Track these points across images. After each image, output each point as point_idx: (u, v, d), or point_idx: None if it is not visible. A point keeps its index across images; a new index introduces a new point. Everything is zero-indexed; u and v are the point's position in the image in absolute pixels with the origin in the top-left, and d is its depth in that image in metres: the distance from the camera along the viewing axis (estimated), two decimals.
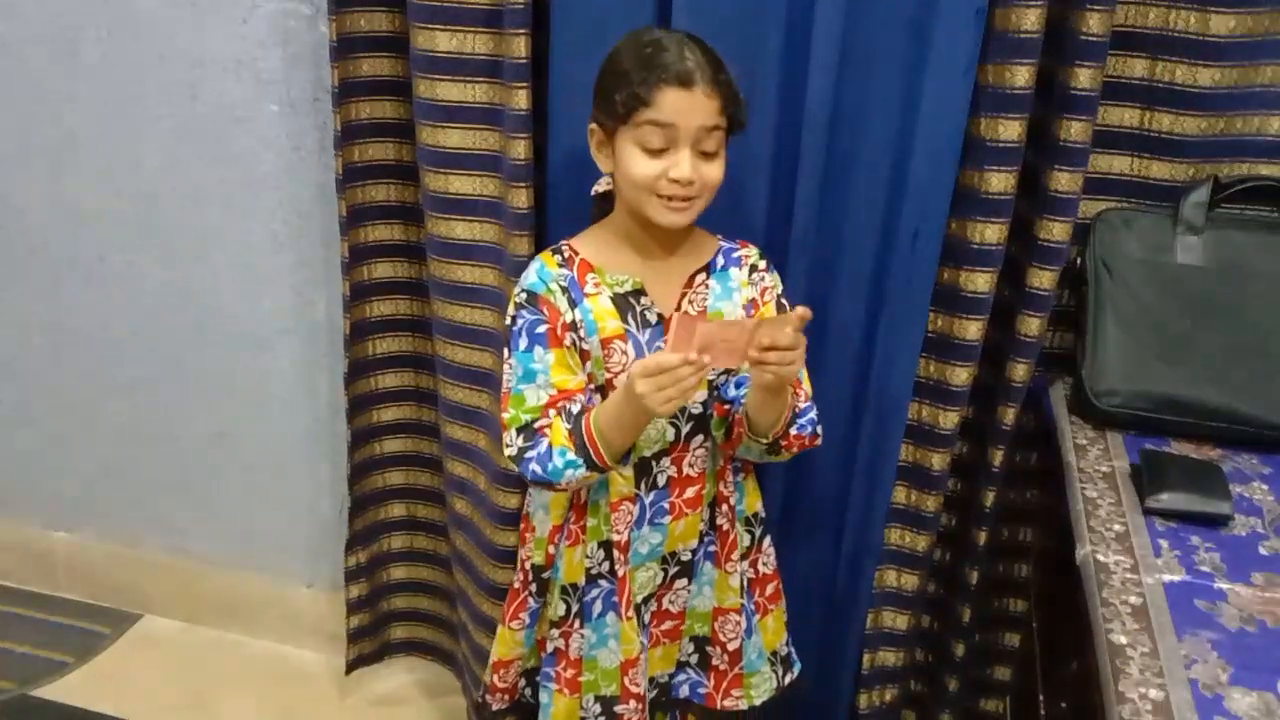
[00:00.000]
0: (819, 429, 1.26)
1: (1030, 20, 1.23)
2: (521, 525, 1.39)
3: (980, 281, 1.36)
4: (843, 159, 1.34)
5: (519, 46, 1.32)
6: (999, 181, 1.31)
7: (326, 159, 1.63)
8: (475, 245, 1.48)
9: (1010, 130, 1.28)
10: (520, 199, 1.40)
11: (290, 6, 1.58)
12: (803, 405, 1.23)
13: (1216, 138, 1.31)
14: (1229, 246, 1.29)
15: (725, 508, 1.31)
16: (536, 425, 1.16)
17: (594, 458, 1.13)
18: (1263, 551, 1.05)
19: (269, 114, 1.66)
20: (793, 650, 1.45)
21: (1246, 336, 1.26)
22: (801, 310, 1.07)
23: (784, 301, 1.28)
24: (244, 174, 1.71)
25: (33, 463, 2.07)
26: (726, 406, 1.26)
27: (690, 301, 1.23)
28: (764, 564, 1.39)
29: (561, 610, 1.30)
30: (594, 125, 1.17)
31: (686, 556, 1.31)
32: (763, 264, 1.29)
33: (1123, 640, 0.90)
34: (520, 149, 1.37)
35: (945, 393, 1.44)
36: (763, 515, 1.38)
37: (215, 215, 1.75)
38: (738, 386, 1.25)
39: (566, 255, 1.22)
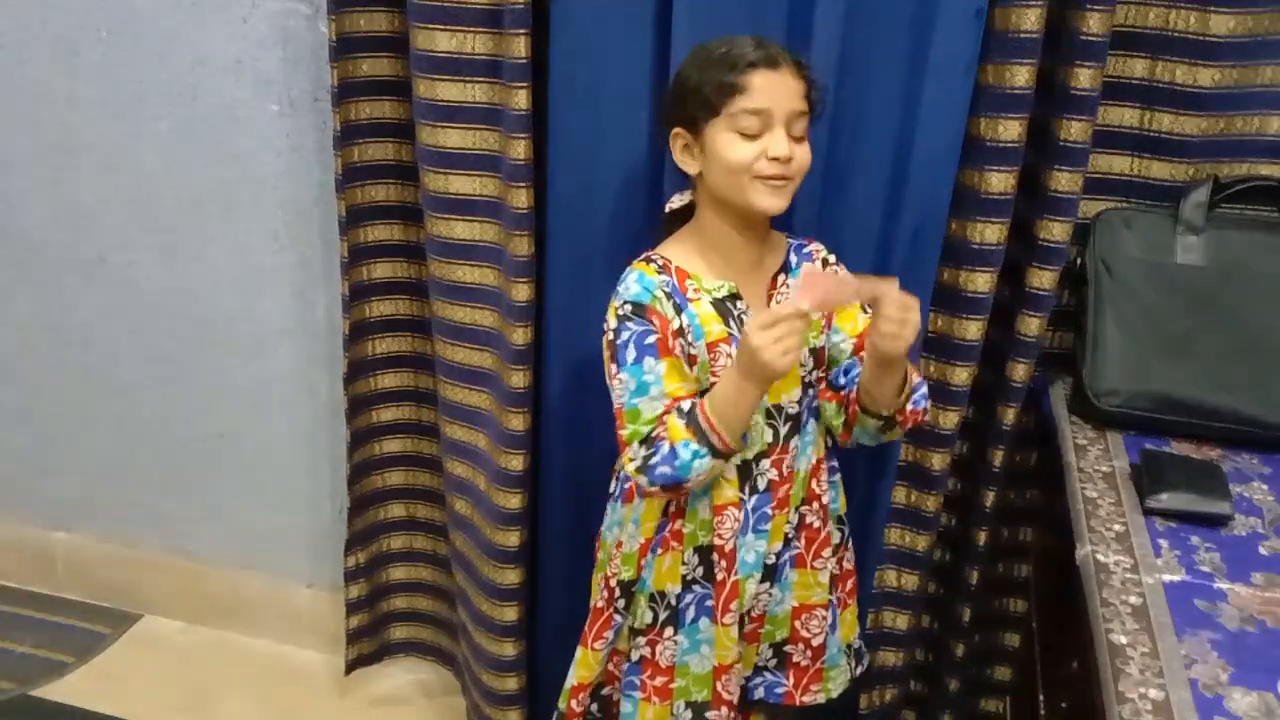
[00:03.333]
0: (929, 405, 1.27)
1: (1030, 20, 1.23)
2: (596, 544, 1.37)
3: (980, 281, 1.36)
4: (843, 159, 1.34)
5: (519, 46, 1.32)
6: (999, 181, 1.31)
7: (326, 159, 1.63)
8: (475, 245, 1.48)
9: (1010, 130, 1.28)
10: (520, 199, 1.40)
11: (290, 6, 1.58)
12: (916, 380, 1.24)
13: (1216, 138, 1.31)
14: (1229, 246, 1.29)
15: (816, 505, 1.31)
16: (654, 434, 1.15)
17: (716, 443, 1.13)
18: (1263, 551, 1.05)
19: (269, 114, 1.66)
20: (863, 643, 1.45)
21: (1246, 336, 1.26)
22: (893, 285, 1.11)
23: None
24: (244, 174, 1.71)
25: (33, 463, 2.07)
26: (840, 393, 1.26)
27: (776, 302, 1.23)
28: (848, 560, 1.39)
29: (648, 618, 1.29)
30: (678, 129, 1.17)
31: (771, 560, 1.30)
32: (832, 257, 1.29)
33: (1123, 640, 0.90)
34: (520, 149, 1.37)
35: (945, 393, 1.44)
36: (844, 513, 1.38)
37: (215, 215, 1.75)
38: (846, 373, 1.26)
39: (661, 263, 1.20)
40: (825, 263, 1.28)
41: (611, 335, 1.18)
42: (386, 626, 1.87)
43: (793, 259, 1.26)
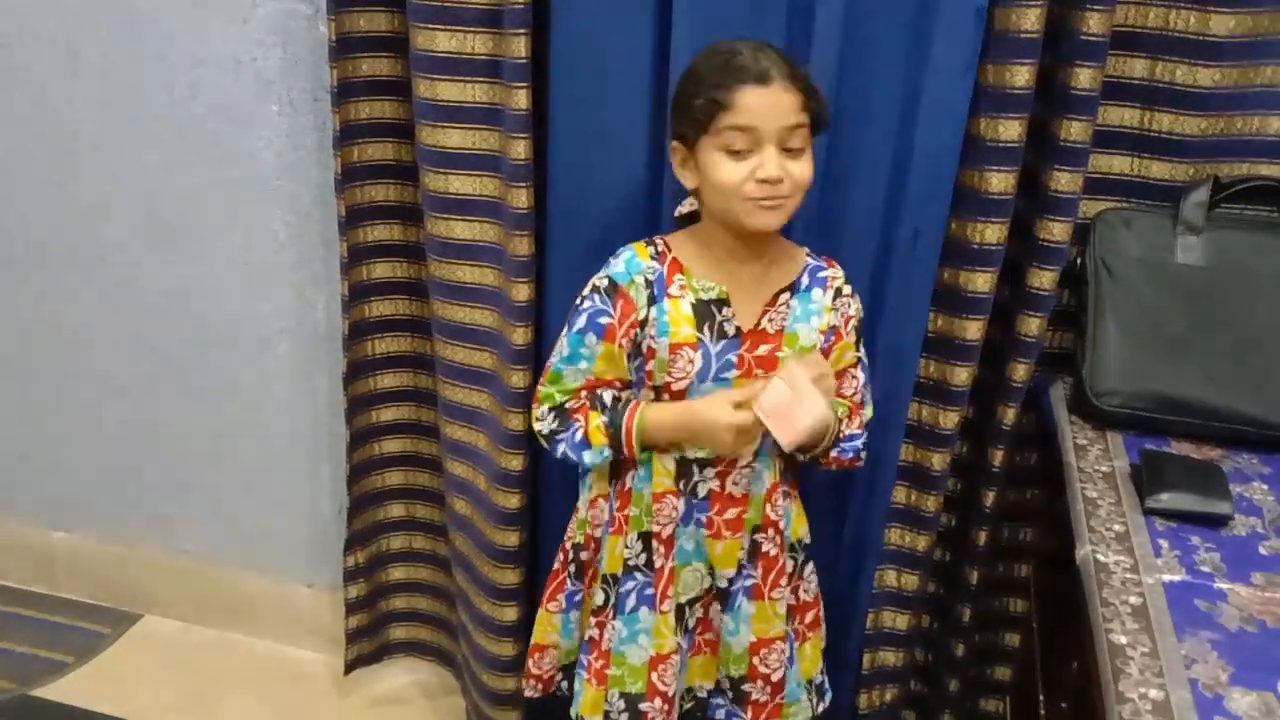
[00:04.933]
0: (863, 453, 1.30)
1: (1030, 20, 1.23)
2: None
3: (980, 281, 1.36)
4: (843, 159, 1.34)
5: (519, 46, 1.32)
6: (999, 181, 1.31)
7: (326, 159, 1.63)
8: (475, 245, 1.48)
9: (1010, 130, 1.28)
10: (520, 199, 1.40)
11: (290, 6, 1.58)
12: (851, 430, 1.27)
13: (1216, 138, 1.31)
14: (1229, 246, 1.29)
15: (772, 532, 1.30)
16: (569, 407, 1.22)
17: (624, 452, 1.21)
18: (1263, 551, 1.05)
19: (269, 114, 1.66)
20: (827, 678, 1.43)
21: (1246, 336, 1.26)
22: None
23: (859, 329, 1.28)
24: (244, 174, 1.71)
25: (33, 463, 2.07)
26: None
27: (770, 320, 1.21)
28: (805, 590, 1.37)
29: (600, 599, 1.30)
30: (675, 143, 1.16)
31: (723, 584, 1.30)
32: (848, 289, 1.26)
33: (1123, 640, 0.90)
34: (520, 149, 1.37)
35: (945, 393, 1.44)
36: (807, 541, 1.36)
37: (215, 215, 1.75)
38: None
39: (660, 249, 1.21)
40: (839, 293, 1.25)
41: (579, 298, 1.22)
42: (386, 626, 1.87)
43: (804, 280, 1.23)
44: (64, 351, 1.94)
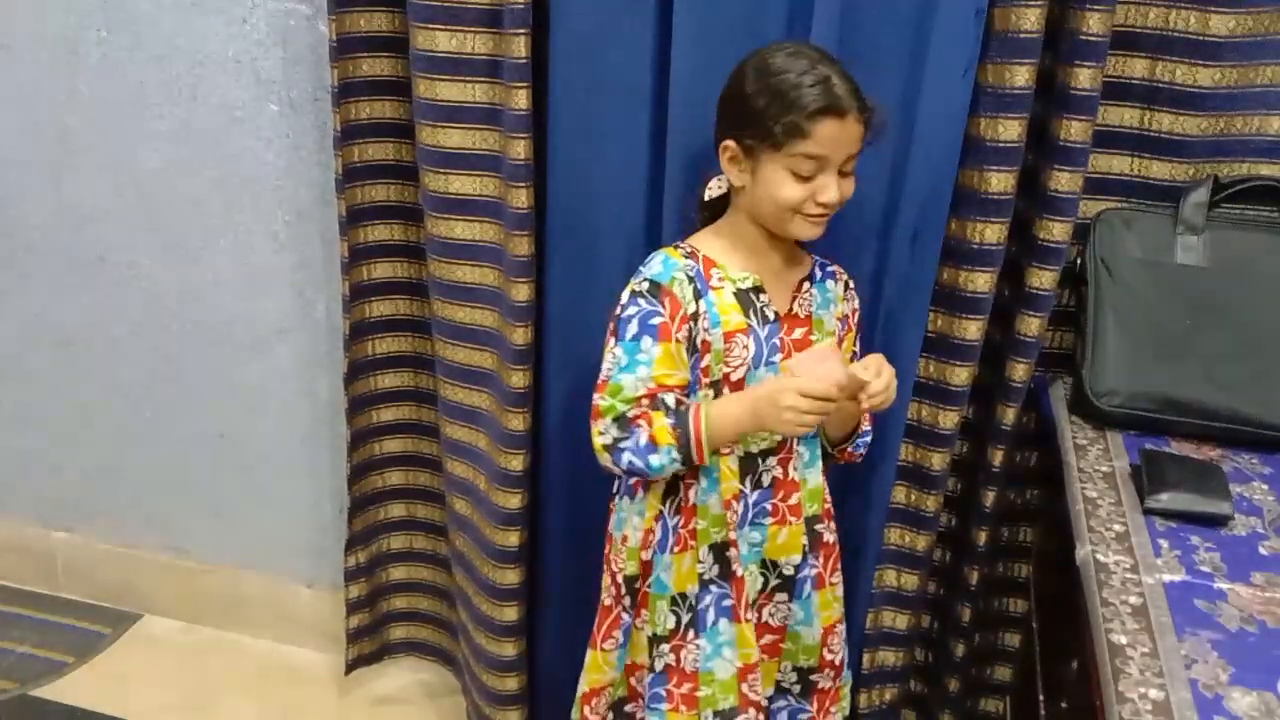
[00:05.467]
0: (865, 451, 1.35)
1: (1030, 20, 1.23)
2: (606, 544, 1.35)
3: (980, 281, 1.36)
4: None
5: (519, 46, 1.32)
6: (999, 181, 1.31)
7: (326, 159, 1.63)
8: (475, 245, 1.48)
9: (1010, 130, 1.28)
10: (520, 199, 1.40)
11: (290, 6, 1.58)
12: (865, 428, 1.32)
13: (1216, 138, 1.31)
14: (1229, 246, 1.29)
15: (828, 520, 1.34)
16: (631, 416, 1.17)
17: (694, 455, 1.17)
18: (1263, 551, 1.05)
19: (269, 114, 1.66)
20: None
21: (1246, 336, 1.26)
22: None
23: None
24: (244, 174, 1.71)
25: (33, 463, 2.07)
26: None
27: (799, 305, 1.25)
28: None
29: (671, 623, 1.27)
30: (730, 143, 1.16)
31: (789, 571, 1.30)
32: (852, 284, 1.32)
33: (1123, 640, 0.90)
34: (520, 149, 1.37)
35: (945, 393, 1.44)
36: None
37: (215, 215, 1.75)
38: None
39: (689, 250, 1.22)
40: (846, 285, 1.31)
41: (619, 309, 1.20)
42: (386, 626, 1.87)
43: (817, 272, 1.28)
44: (64, 351, 1.94)
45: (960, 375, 1.42)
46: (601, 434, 1.19)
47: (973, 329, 1.39)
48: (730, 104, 1.17)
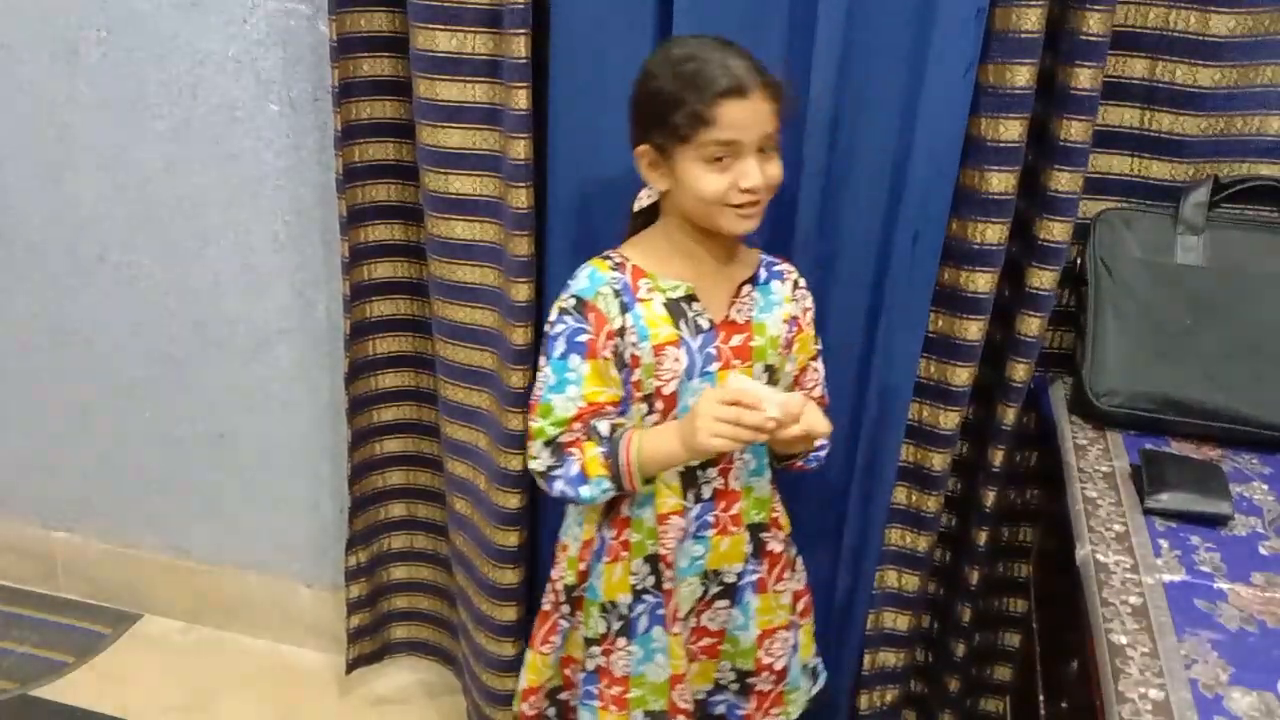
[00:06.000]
0: (821, 464, 1.32)
1: (1030, 20, 1.23)
2: (556, 547, 1.36)
3: (980, 281, 1.36)
4: (843, 159, 1.34)
5: (519, 46, 1.32)
6: (999, 181, 1.31)
7: (326, 159, 1.63)
8: (475, 245, 1.48)
9: (1010, 130, 1.28)
10: (520, 199, 1.40)
11: (290, 6, 1.58)
12: (819, 443, 1.27)
13: (1216, 138, 1.31)
14: (1229, 246, 1.29)
15: (775, 529, 1.32)
16: (563, 441, 1.15)
17: (625, 484, 1.15)
18: (1263, 551, 1.05)
19: (269, 114, 1.66)
20: (820, 661, 1.45)
21: (1246, 336, 1.26)
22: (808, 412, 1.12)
23: (814, 322, 1.31)
24: (244, 174, 1.71)
25: (33, 463, 2.07)
26: None
27: (737, 310, 1.22)
28: (798, 580, 1.39)
29: (601, 628, 1.28)
30: (644, 147, 1.14)
31: (730, 579, 1.30)
32: (803, 282, 1.29)
33: (1123, 640, 0.90)
34: (520, 149, 1.37)
35: (945, 393, 1.44)
36: (790, 530, 1.38)
37: (215, 215, 1.75)
38: None
39: (617, 261, 1.20)
40: (796, 284, 1.28)
41: (548, 327, 1.18)
42: (387, 626, 1.87)
43: (762, 273, 1.25)
44: (64, 351, 1.94)
45: (961, 375, 1.42)
46: (535, 458, 1.17)
47: (973, 329, 1.39)
48: (635, 109, 1.15)
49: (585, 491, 1.15)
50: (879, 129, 1.32)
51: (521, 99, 1.35)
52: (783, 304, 1.25)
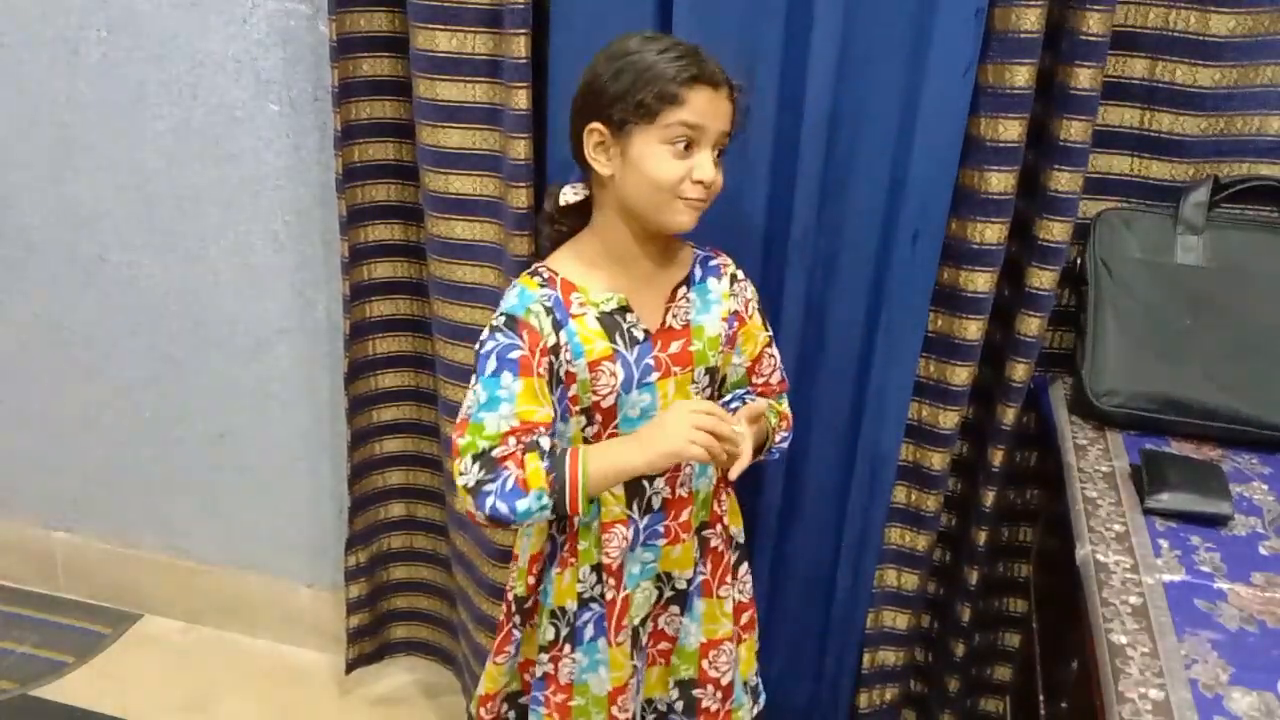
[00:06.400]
0: (783, 454, 1.31)
1: (1030, 20, 1.23)
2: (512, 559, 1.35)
3: (980, 281, 1.36)
4: (843, 159, 1.34)
5: (519, 46, 1.32)
6: (999, 181, 1.31)
7: (326, 159, 1.63)
8: (475, 245, 1.48)
9: (1010, 130, 1.28)
10: (520, 199, 1.40)
11: (290, 6, 1.58)
12: (780, 436, 1.28)
13: (1216, 138, 1.31)
14: (1229, 246, 1.29)
15: (719, 527, 1.29)
16: (496, 454, 1.08)
17: (567, 503, 1.08)
18: (1263, 551, 1.05)
19: (269, 114, 1.66)
20: (760, 681, 1.42)
21: (1246, 336, 1.26)
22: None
23: (761, 309, 1.27)
24: (244, 174, 1.71)
25: (33, 463, 2.07)
26: None
27: (674, 316, 1.19)
28: (742, 591, 1.36)
29: (550, 635, 1.26)
30: (596, 124, 1.10)
31: (682, 585, 1.28)
32: (740, 273, 1.25)
33: (1123, 640, 0.90)
34: (520, 149, 1.37)
35: (945, 393, 1.44)
36: (741, 540, 1.35)
37: (215, 215, 1.75)
38: (739, 399, 1.26)
39: (546, 276, 1.16)
40: (734, 279, 1.24)
41: (479, 345, 1.13)
42: (387, 626, 1.87)
43: (697, 272, 1.22)
44: (64, 351, 1.94)
45: (960, 375, 1.42)
46: (462, 474, 1.08)
47: (973, 329, 1.39)
48: (588, 95, 1.11)
49: (521, 505, 1.06)
50: (878, 129, 1.32)
51: (521, 99, 1.35)
52: (721, 301, 1.22)
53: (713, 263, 1.24)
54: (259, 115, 1.66)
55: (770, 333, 1.29)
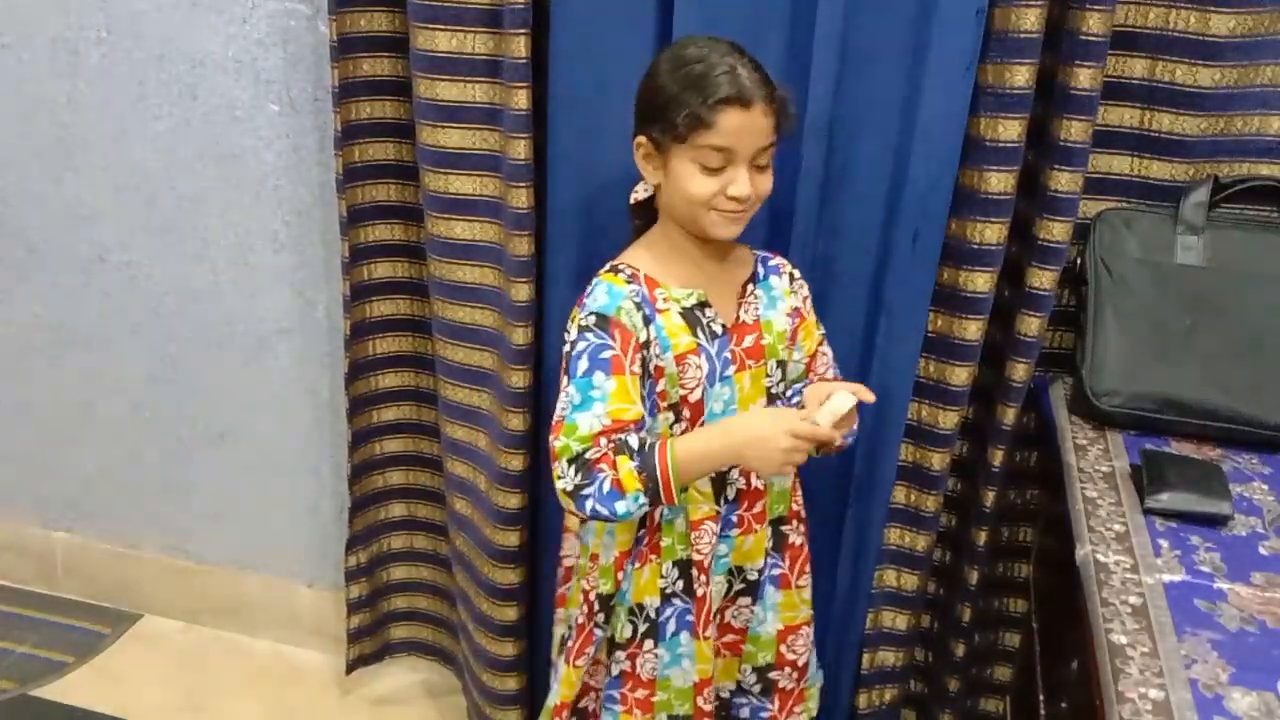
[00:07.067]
0: (855, 436, 1.32)
1: (1030, 20, 1.23)
2: (564, 552, 1.35)
3: (980, 281, 1.36)
4: (843, 159, 1.34)
5: (519, 46, 1.32)
6: (999, 181, 1.31)
7: (326, 159, 1.63)
8: (475, 245, 1.48)
9: (1010, 130, 1.28)
10: (520, 199, 1.40)
11: (290, 6, 1.58)
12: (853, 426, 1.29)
13: (1216, 138, 1.31)
14: (1229, 246, 1.29)
15: (796, 523, 1.32)
16: (590, 457, 1.10)
17: (662, 496, 1.11)
18: (1263, 551, 1.05)
19: (269, 114, 1.66)
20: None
21: (1246, 336, 1.26)
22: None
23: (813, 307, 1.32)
24: (244, 174, 1.71)
25: (33, 463, 2.07)
26: None
27: (745, 311, 1.23)
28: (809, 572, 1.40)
29: (628, 632, 1.27)
30: (642, 138, 1.15)
31: (753, 576, 1.30)
32: (797, 272, 1.31)
33: (1123, 640, 0.90)
34: (520, 149, 1.37)
35: (945, 393, 1.44)
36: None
37: (215, 215, 1.75)
38: (798, 393, 1.28)
39: (630, 273, 1.18)
40: (792, 277, 1.29)
41: (568, 346, 1.15)
42: (387, 626, 1.87)
43: (760, 270, 1.27)
44: (64, 351, 1.94)
45: (960, 375, 1.42)
46: (561, 478, 1.12)
47: (973, 329, 1.39)
48: (641, 99, 1.15)
49: (621, 508, 1.10)
50: (878, 129, 1.32)
51: (521, 99, 1.35)
52: (784, 298, 1.27)
53: (771, 262, 1.29)
54: (259, 115, 1.66)
55: (824, 331, 1.33)
